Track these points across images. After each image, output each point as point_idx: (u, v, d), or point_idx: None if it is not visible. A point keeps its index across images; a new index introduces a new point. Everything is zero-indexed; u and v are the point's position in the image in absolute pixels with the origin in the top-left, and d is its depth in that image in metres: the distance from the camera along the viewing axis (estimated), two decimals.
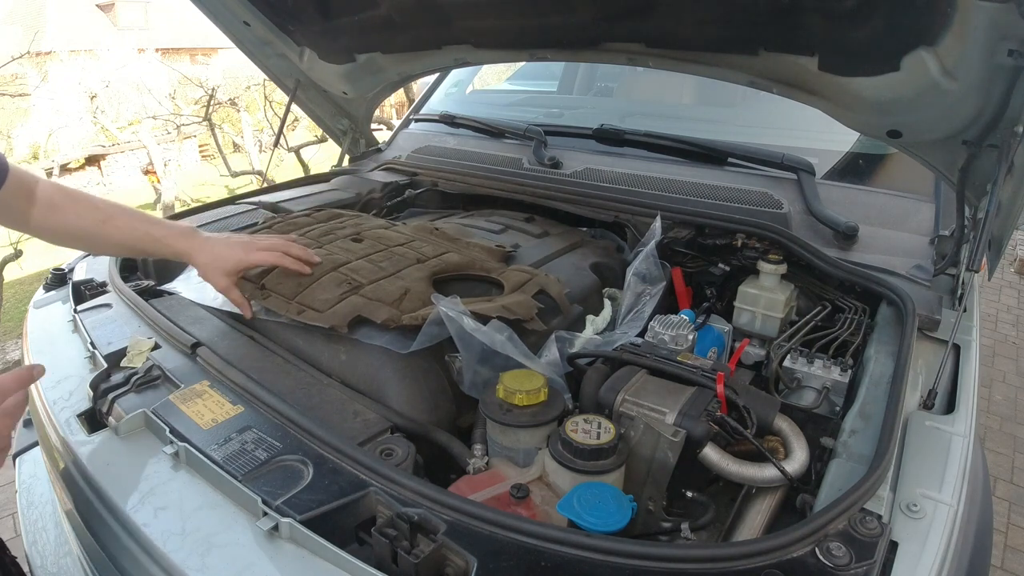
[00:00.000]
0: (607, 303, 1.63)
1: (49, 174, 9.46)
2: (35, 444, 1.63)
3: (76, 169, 10.70)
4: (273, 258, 1.34)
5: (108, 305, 1.48)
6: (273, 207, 2.04)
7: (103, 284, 1.59)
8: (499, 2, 1.59)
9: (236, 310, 1.37)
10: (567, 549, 0.80)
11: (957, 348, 1.34)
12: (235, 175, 8.61)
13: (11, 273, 6.05)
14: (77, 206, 1.22)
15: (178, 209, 4.88)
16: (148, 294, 1.56)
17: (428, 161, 2.42)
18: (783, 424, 1.12)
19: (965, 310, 1.38)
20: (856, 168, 2.09)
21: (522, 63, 2.86)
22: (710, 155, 2.04)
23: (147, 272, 1.72)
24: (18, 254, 5.44)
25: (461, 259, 1.51)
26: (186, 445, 0.98)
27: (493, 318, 1.25)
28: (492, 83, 3.57)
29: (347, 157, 2.70)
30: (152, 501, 0.94)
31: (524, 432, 1.09)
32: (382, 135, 2.80)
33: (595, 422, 1.04)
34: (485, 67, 3.16)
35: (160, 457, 1.00)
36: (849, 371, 1.35)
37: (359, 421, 1.12)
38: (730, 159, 2.04)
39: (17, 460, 1.66)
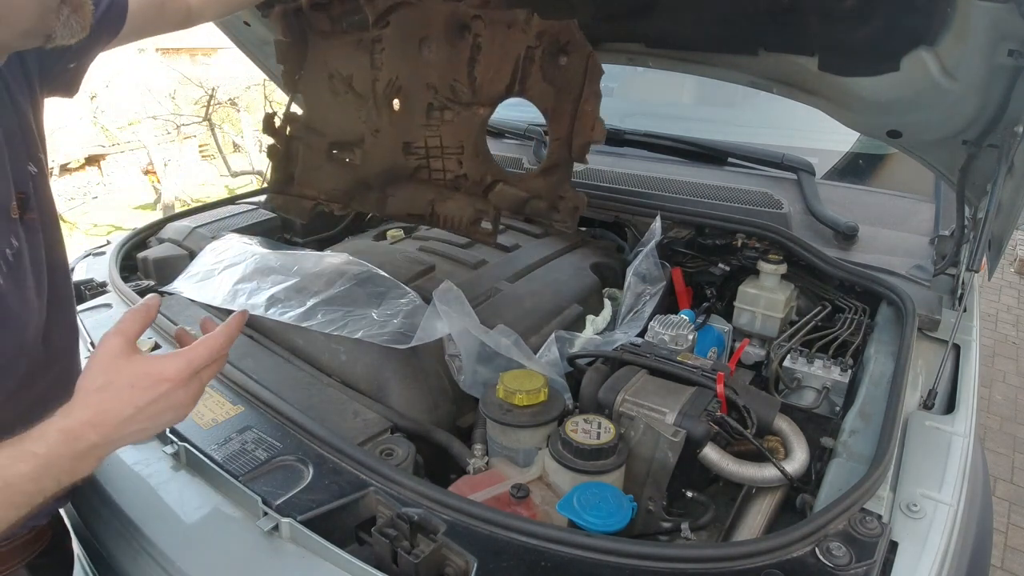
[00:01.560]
0: (607, 303, 1.63)
1: (49, 174, 9.46)
2: None
3: (76, 169, 10.70)
4: None
5: (108, 305, 1.48)
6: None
7: (103, 284, 1.59)
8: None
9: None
10: (567, 549, 0.80)
11: (957, 348, 1.34)
12: (235, 175, 8.60)
13: None
14: None
15: (178, 209, 4.87)
16: (148, 294, 1.56)
17: None
18: (783, 424, 1.12)
19: (965, 310, 1.38)
20: (856, 168, 2.09)
21: None
22: (710, 155, 2.04)
23: (147, 272, 1.72)
24: None
25: None
26: (186, 445, 0.98)
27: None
28: None
29: None
30: (152, 501, 0.94)
31: (524, 432, 1.09)
32: None
33: (595, 422, 1.04)
34: None
35: (160, 457, 1.00)
36: (849, 371, 1.35)
37: (359, 421, 1.12)
38: (730, 159, 2.04)
39: None
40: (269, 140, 1.59)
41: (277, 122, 1.55)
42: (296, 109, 1.60)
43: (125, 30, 1.03)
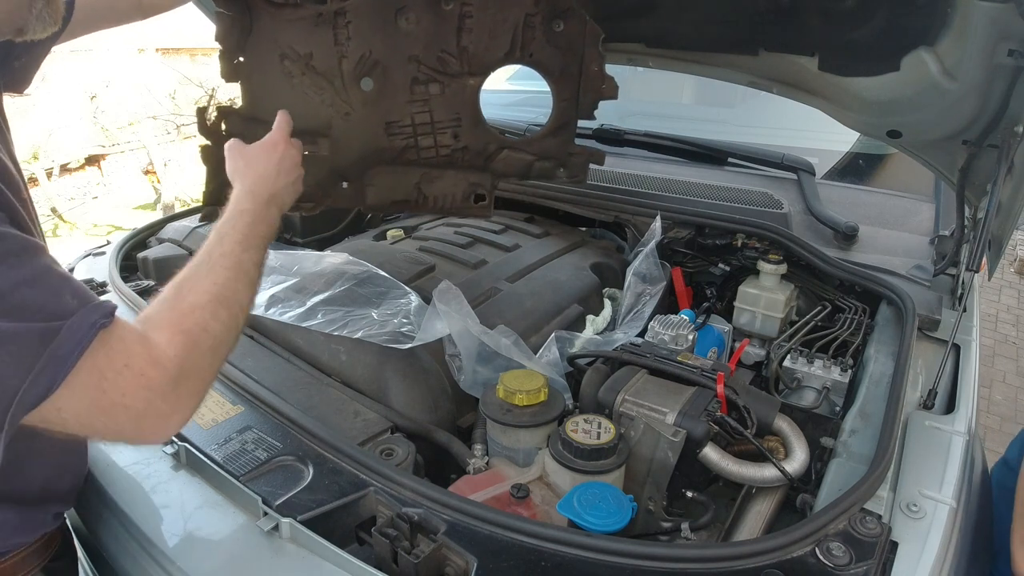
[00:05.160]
0: (607, 303, 1.63)
1: (49, 175, 9.46)
2: None
3: (76, 169, 10.71)
4: None
5: None
6: None
7: (103, 284, 1.59)
8: None
9: None
10: (567, 549, 0.80)
11: (957, 348, 1.34)
12: None
13: None
14: None
15: (178, 209, 4.87)
16: (148, 294, 1.56)
17: None
18: (783, 424, 1.12)
19: (965, 310, 1.38)
20: (856, 168, 2.09)
21: None
22: (710, 155, 2.04)
23: (147, 272, 1.72)
24: None
25: None
26: (186, 445, 0.98)
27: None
28: (492, 83, 3.55)
29: None
30: (152, 501, 0.94)
31: (524, 432, 1.09)
32: None
33: (595, 422, 1.04)
34: None
35: (160, 457, 1.00)
36: (849, 371, 1.35)
37: (359, 421, 1.12)
38: (730, 159, 2.04)
39: None
40: (204, 142, 1.33)
41: (211, 118, 1.30)
42: (231, 100, 1.37)
43: (74, 22, 1.02)
